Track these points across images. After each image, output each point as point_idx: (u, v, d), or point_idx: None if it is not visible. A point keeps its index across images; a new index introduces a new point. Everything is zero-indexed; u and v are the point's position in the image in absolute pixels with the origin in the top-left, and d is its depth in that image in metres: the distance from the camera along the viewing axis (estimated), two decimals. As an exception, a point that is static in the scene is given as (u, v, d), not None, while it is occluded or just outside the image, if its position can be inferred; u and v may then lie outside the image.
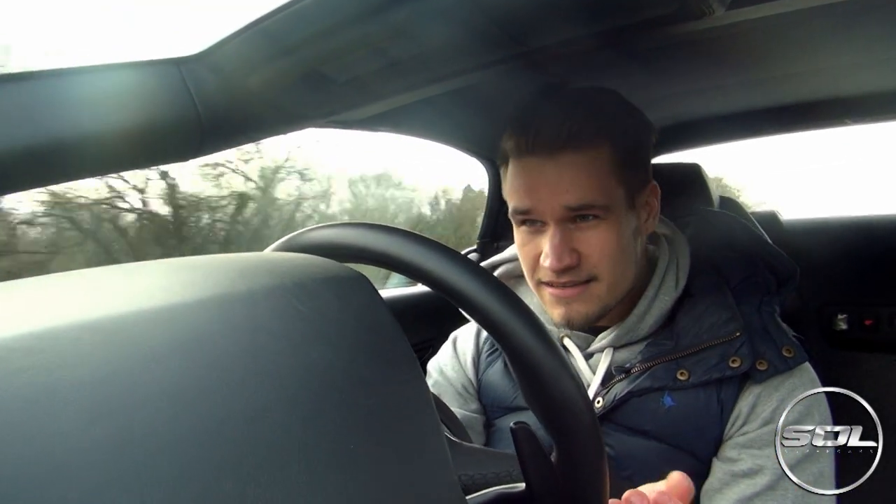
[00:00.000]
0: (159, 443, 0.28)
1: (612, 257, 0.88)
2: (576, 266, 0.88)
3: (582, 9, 0.75)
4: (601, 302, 0.91)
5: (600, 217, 0.87)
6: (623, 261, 0.90)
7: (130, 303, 0.33)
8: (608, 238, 0.87)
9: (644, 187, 0.94)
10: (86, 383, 0.28)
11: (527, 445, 0.48)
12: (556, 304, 0.92)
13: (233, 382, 0.32)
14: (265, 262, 0.42)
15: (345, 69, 0.84)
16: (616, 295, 0.92)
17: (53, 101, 0.71)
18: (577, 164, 0.86)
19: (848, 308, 1.60)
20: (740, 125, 1.68)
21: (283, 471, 0.30)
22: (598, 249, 0.87)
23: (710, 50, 1.10)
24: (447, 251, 0.45)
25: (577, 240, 0.88)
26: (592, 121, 0.87)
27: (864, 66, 1.25)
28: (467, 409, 1.06)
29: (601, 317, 0.93)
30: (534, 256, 0.91)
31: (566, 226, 0.87)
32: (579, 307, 0.91)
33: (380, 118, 1.21)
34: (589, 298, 0.90)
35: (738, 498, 0.85)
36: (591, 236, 0.87)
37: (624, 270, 0.91)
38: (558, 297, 0.91)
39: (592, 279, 0.89)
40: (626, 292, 0.94)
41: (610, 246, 0.88)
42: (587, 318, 0.92)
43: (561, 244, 0.87)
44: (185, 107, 0.81)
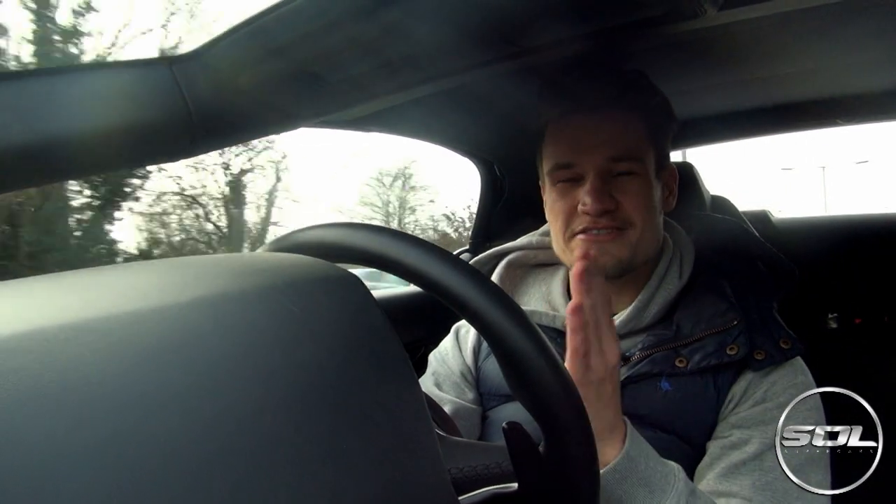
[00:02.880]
0: (150, 444, 0.28)
1: (644, 210, 0.94)
2: (613, 210, 0.93)
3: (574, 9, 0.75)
4: (632, 249, 0.94)
5: (636, 173, 0.94)
6: (653, 218, 0.96)
7: (122, 303, 0.33)
8: (642, 191, 0.94)
9: (666, 165, 1.02)
10: (76, 385, 0.28)
11: (519, 444, 0.48)
12: (591, 249, 0.94)
13: (225, 383, 0.32)
14: (257, 263, 0.42)
15: (337, 69, 0.84)
16: (644, 250, 0.96)
17: (44, 100, 0.71)
18: (617, 121, 0.94)
19: (838, 307, 1.61)
20: (732, 125, 1.68)
21: (274, 470, 0.30)
22: (633, 199, 0.93)
23: (702, 50, 1.10)
24: (437, 250, 0.45)
25: (615, 189, 0.93)
26: (630, 88, 0.96)
27: (855, 67, 1.26)
28: (465, 398, 1.07)
29: (626, 271, 0.96)
30: (570, 209, 0.95)
31: (606, 178, 0.93)
32: (614, 251, 0.94)
33: (372, 118, 1.21)
34: (623, 243, 0.94)
35: (725, 465, 0.87)
36: (628, 188, 0.93)
37: (653, 227, 0.96)
38: (592, 243, 0.94)
39: (626, 227, 0.94)
40: (647, 260, 0.98)
41: (643, 200, 0.94)
42: (620, 264, 0.95)
43: (601, 189, 0.92)
44: (176, 106, 0.80)
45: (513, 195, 1.77)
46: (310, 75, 0.85)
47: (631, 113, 0.95)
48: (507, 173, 1.75)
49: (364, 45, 0.78)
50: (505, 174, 1.75)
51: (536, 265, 1.15)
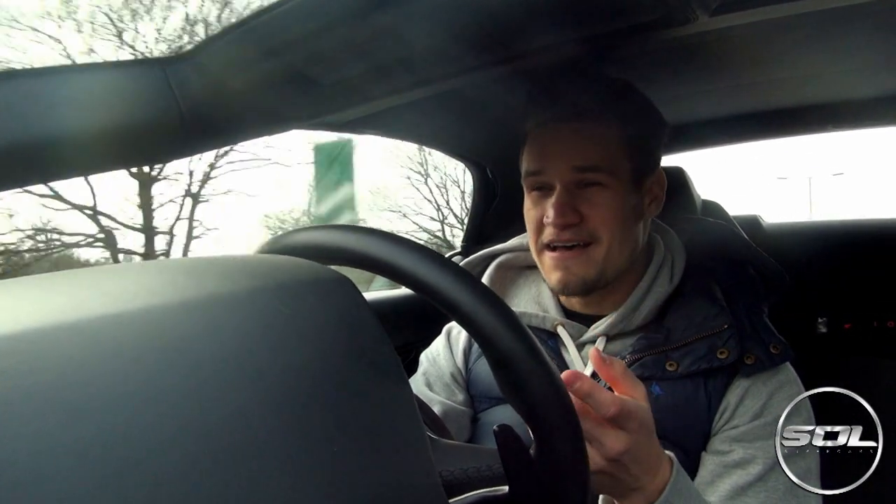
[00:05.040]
0: (140, 445, 0.28)
1: (612, 223, 0.93)
2: (577, 224, 0.92)
3: (567, 14, 0.75)
4: (598, 267, 0.93)
5: (604, 185, 0.92)
6: (622, 231, 0.94)
7: (112, 304, 0.33)
8: (610, 205, 0.92)
9: (651, 172, 1.00)
10: (65, 385, 0.28)
11: (510, 447, 0.48)
12: (555, 269, 0.95)
13: (214, 385, 0.32)
14: (248, 265, 0.42)
15: (330, 71, 0.84)
16: (613, 265, 0.95)
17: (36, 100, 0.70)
18: (588, 131, 0.93)
19: (828, 312, 1.62)
20: (723, 131, 1.69)
21: (263, 472, 0.30)
22: (599, 212, 0.92)
23: (693, 56, 1.11)
24: (429, 253, 0.45)
25: (581, 202, 0.92)
26: (607, 97, 0.95)
27: (846, 74, 1.27)
28: (455, 400, 1.07)
29: (596, 287, 0.95)
30: (539, 219, 0.95)
31: (572, 189, 0.93)
32: (577, 269, 0.93)
33: (365, 120, 1.20)
34: (587, 262, 0.93)
35: (730, 488, 0.86)
36: (594, 201, 0.92)
37: (622, 241, 0.95)
38: (557, 261, 0.94)
39: (592, 242, 0.93)
40: (622, 270, 0.97)
41: (611, 212, 0.93)
42: (584, 283, 0.94)
43: (565, 203, 0.92)
44: (168, 107, 0.80)
45: (505, 198, 1.78)
46: (303, 77, 0.85)
47: (608, 122, 0.94)
48: (500, 176, 1.75)
49: (357, 48, 0.78)
50: (497, 177, 1.76)
51: (527, 267, 1.15)
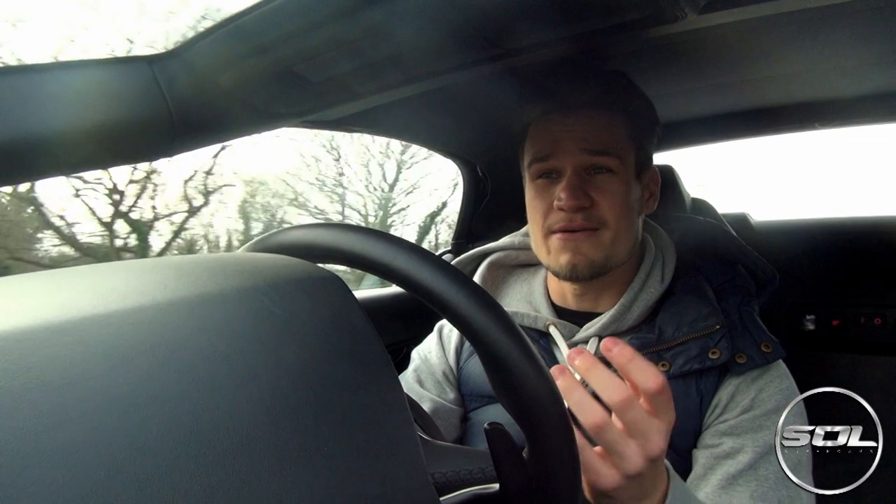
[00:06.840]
0: (129, 445, 0.28)
1: (619, 209, 0.94)
2: (588, 208, 0.93)
3: (556, 12, 0.75)
4: (606, 250, 0.94)
5: (614, 171, 0.94)
6: (627, 219, 0.96)
7: (101, 304, 0.32)
8: (618, 191, 0.94)
9: (649, 167, 1.02)
10: (54, 385, 0.28)
11: (501, 445, 0.48)
12: (564, 250, 0.95)
13: (204, 384, 0.31)
14: (238, 263, 0.42)
15: (319, 69, 0.84)
16: (618, 252, 0.96)
17: (22, 98, 0.70)
18: (598, 119, 0.95)
19: (816, 309, 1.63)
20: (711, 128, 1.70)
21: (253, 472, 0.30)
22: (609, 198, 0.94)
23: (682, 54, 1.12)
24: (420, 251, 0.45)
25: (591, 187, 0.94)
26: (613, 88, 0.96)
27: (834, 71, 1.27)
28: (445, 398, 1.07)
29: (602, 272, 0.96)
30: (547, 205, 0.96)
31: (581, 174, 0.94)
32: (587, 251, 0.94)
33: (355, 118, 1.20)
34: (596, 244, 0.94)
35: (721, 478, 0.86)
36: (605, 186, 0.94)
37: (627, 229, 0.96)
38: (566, 242, 0.94)
39: (601, 226, 0.94)
40: (622, 262, 0.98)
41: (619, 199, 0.94)
42: (592, 266, 0.95)
43: (576, 185, 0.93)
44: (156, 105, 0.80)
45: (495, 196, 1.78)
46: (292, 75, 0.84)
47: (613, 113, 0.95)
48: (490, 175, 1.75)
49: (347, 46, 0.78)
50: (487, 175, 1.76)
51: (518, 266, 1.15)
